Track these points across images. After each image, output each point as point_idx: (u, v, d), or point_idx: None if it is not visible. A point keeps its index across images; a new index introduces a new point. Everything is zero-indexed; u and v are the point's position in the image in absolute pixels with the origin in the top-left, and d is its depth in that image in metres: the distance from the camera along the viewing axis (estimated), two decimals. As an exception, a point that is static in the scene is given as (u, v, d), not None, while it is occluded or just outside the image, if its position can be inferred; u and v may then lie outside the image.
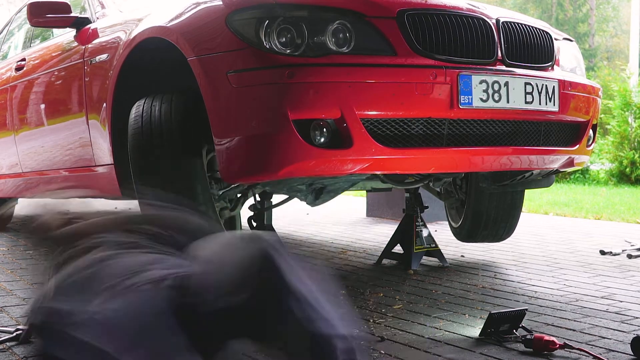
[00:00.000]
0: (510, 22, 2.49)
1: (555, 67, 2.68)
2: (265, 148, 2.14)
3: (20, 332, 2.01)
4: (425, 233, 3.32)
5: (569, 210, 6.19)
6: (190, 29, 2.36)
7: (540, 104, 2.44)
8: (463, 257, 3.63)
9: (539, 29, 2.63)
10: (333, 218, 5.64)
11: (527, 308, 2.18)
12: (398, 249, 3.39)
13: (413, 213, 3.31)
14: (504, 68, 2.39)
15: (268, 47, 2.13)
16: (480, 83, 2.27)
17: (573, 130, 2.71)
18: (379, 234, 4.56)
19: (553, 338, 1.96)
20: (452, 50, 2.29)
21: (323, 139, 2.12)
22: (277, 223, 3.30)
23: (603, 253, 3.76)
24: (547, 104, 2.47)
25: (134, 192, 2.67)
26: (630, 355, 1.93)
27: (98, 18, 3.35)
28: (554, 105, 2.50)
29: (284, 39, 2.14)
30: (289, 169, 2.14)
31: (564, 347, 1.94)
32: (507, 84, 2.34)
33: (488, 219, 3.46)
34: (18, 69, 4.03)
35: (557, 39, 2.78)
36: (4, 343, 1.98)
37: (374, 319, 2.34)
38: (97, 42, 3.14)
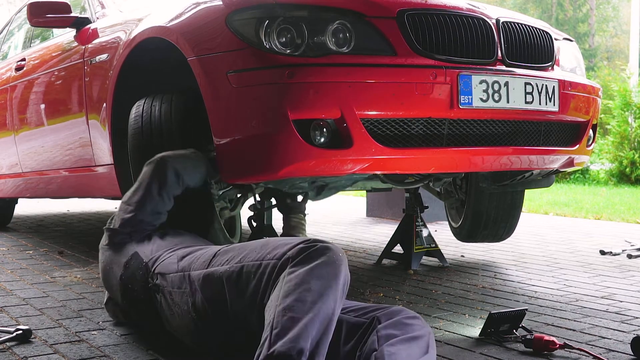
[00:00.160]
0: (510, 22, 2.49)
1: (555, 67, 2.68)
2: (265, 148, 2.14)
3: (20, 332, 2.01)
4: (425, 233, 3.32)
5: (569, 210, 6.19)
6: (190, 29, 2.36)
7: (540, 104, 2.44)
8: (463, 257, 3.63)
9: (539, 29, 2.63)
10: (333, 218, 5.64)
11: (527, 308, 2.18)
12: (398, 249, 3.39)
13: (413, 213, 3.31)
14: (504, 68, 2.39)
15: (268, 47, 2.13)
16: (480, 83, 2.27)
17: (573, 130, 2.71)
18: (379, 234, 4.56)
19: (553, 338, 1.96)
20: (452, 50, 2.29)
21: (323, 139, 2.12)
22: (277, 223, 3.29)
23: (603, 253, 3.76)
24: (547, 104, 2.47)
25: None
26: (630, 355, 1.93)
27: (98, 18, 3.35)
28: (554, 105, 2.50)
29: (284, 39, 2.14)
30: (289, 169, 2.14)
31: (564, 347, 1.94)
32: (507, 84, 2.34)
33: (488, 219, 3.46)
34: (18, 69, 4.03)
35: (557, 39, 2.78)
36: (4, 343, 1.98)
37: (374, 319, 2.33)
38: (97, 42, 3.14)
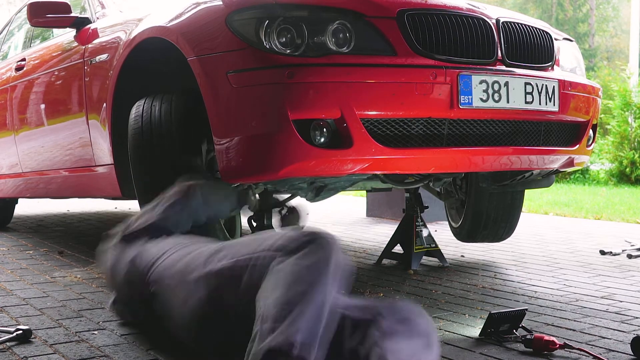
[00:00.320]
0: (510, 22, 2.49)
1: (555, 67, 2.68)
2: (266, 148, 2.14)
3: (20, 332, 2.01)
4: (425, 233, 3.32)
5: (569, 210, 6.19)
6: (190, 29, 2.36)
7: (540, 104, 2.44)
8: (463, 257, 3.63)
9: (539, 29, 2.63)
10: (333, 218, 5.64)
11: (527, 308, 2.18)
12: (398, 249, 3.39)
13: (413, 213, 3.31)
14: (504, 68, 2.39)
15: (268, 47, 2.13)
16: (480, 83, 2.27)
17: (573, 130, 2.71)
18: (379, 234, 4.56)
19: (553, 338, 1.96)
20: (452, 50, 2.29)
21: (323, 139, 2.12)
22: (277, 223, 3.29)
23: (603, 253, 3.76)
24: (547, 104, 2.47)
25: (134, 192, 2.67)
26: (630, 355, 1.93)
27: (98, 18, 3.35)
28: (554, 105, 2.50)
29: (284, 39, 2.14)
30: (289, 169, 2.14)
31: (564, 347, 1.94)
32: (507, 84, 2.34)
33: (488, 219, 3.47)
34: (18, 69, 4.03)
35: (557, 39, 2.78)
36: (4, 343, 1.98)
37: (374, 319, 2.33)
38: (97, 42, 3.14)
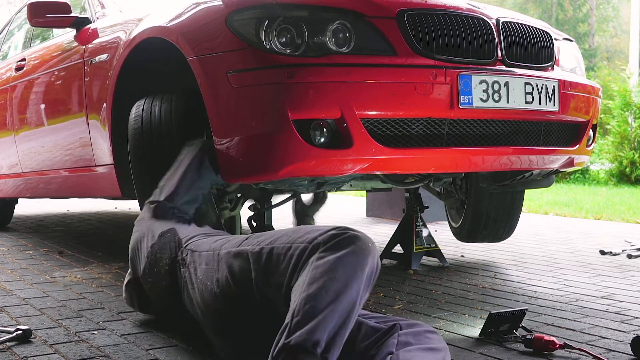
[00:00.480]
0: (510, 22, 2.49)
1: (555, 67, 2.68)
2: (266, 148, 2.14)
3: (20, 332, 2.01)
4: (425, 233, 3.32)
5: (569, 210, 6.19)
6: (190, 29, 2.36)
7: (540, 104, 2.44)
8: (463, 257, 3.63)
9: (539, 29, 2.63)
10: (333, 218, 5.64)
11: (527, 308, 2.18)
12: (398, 249, 3.39)
13: (413, 213, 3.31)
14: (504, 68, 2.39)
15: (268, 47, 2.13)
16: (480, 83, 2.27)
17: (573, 130, 2.71)
18: (379, 234, 4.56)
19: (553, 338, 1.96)
20: (452, 50, 2.29)
21: (323, 139, 2.12)
22: (277, 223, 3.30)
23: (603, 253, 3.76)
24: (547, 104, 2.47)
25: (134, 192, 2.67)
26: (630, 355, 1.93)
27: (98, 18, 3.35)
28: (554, 105, 2.50)
29: (284, 39, 2.14)
30: (289, 169, 2.14)
31: (564, 347, 1.94)
32: (507, 84, 2.34)
33: (488, 219, 3.46)
34: (18, 69, 4.03)
35: (557, 39, 2.78)
36: (4, 343, 1.98)
37: (374, 319, 2.33)
38: (97, 42, 3.14)
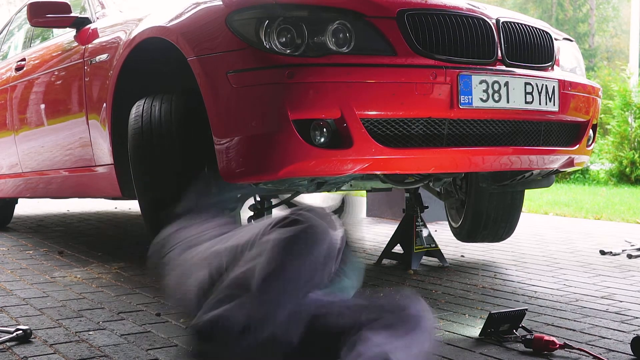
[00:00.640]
0: (510, 22, 2.49)
1: (555, 67, 2.68)
2: (266, 148, 2.14)
3: (20, 332, 2.01)
4: (425, 233, 3.32)
5: (569, 210, 6.19)
6: (190, 29, 2.36)
7: (540, 104, 2.44)
8: (463, 257, 3.63)
9: (539, 29, 2.63)
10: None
11: (527, 308, 2.18)
12: (398, 249, 3.39)
13: (413, 213, 3.31)
14: (504, 68, 2.39)
15: (268, 47, 2.13)
16: (480, 83, 2.27)
17: (573, 130, 2.71)
18: (379, 234, 4.56)
19: (553, 338, 1.96)
20: (452, 50, 2.29)
21: (323, 139, 2.12)
22: (277, 223, 3.29)
23: (603, 253, 3.76)
24: (547, 104, 2.47)
25: (134, 192, 2.67)
26: (630, 355, 1.93)
27: (98, 18, 3.35)
28: (554, 105, 2.50)
29: (284, 39, 2.14)
30: (289, 169, 2.14)
31: (564, 347, 1.94)
32: (507, 84, 2.34)
33: (488, 219, 3.46)
34: (18, 69, 4.03)
35: (557, 39, 2.78)
36: (4, 343, 1.98)
37: (374, 319, 2.33)
38: (97, 42, 3.14)
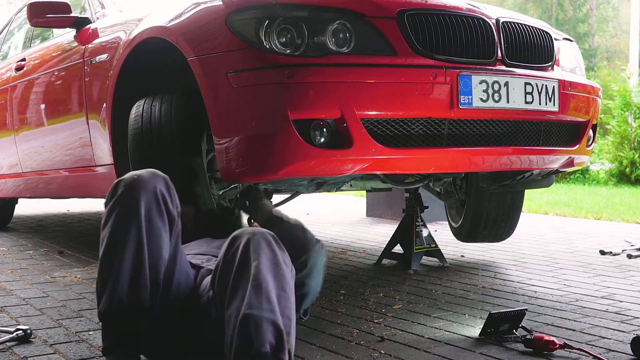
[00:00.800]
0: (510, 22, 2.49)
1: (555, 67, 2.68)
2: (265, 148, 2.14)
3: (20, 332, 2.01)
4: (425, 233, 3.32)
5: (569, 210, 6.19)
6: (190, 29, 2.36)
7: (540, 104, 2.44)
8: (463, 257, 3.63)
9: (539, 29, 2.63)
10: (333, 218, 5.64)
11: (527, 308, 2.18)
12: (398, 249, 3.39)
13: (413, 213, 3.31)
14: (504, 68, 2.39)
15: (268, 47, 2.13)
16: (480, 83, 2.27)
17: (573, 130, 2.71)
18: (379, 234, 4.56)
19: (553, 338, 1.96)
20: (452, 50, 2.29)
21: (323, 139, 2.12)
22: (277, 223, 3.29)
23: (603, 253, 3.76)
24: (547, 104, 2.47)
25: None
26: (630, 355, 1.93)
27: (98, 18, 3.35)
28: (554, 105, 2.50)
29: (284, 39, 2.14)
30: (289, 169, 2.14)
31: (564, 347, 1.94)
32: (507, 84, 2.34)
33: (488, 219, 3.46)
34: (18, 69, 4.03)
35: (557, 39, 2.78)
36: (4, 343, 1.98)
37: (374, 319, 2.34)
38: (97, 42, 3.14)
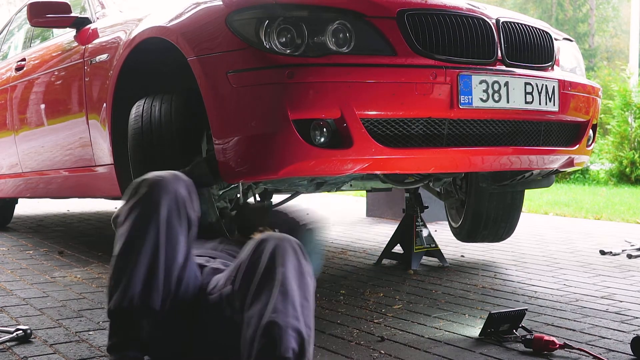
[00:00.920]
0: (510, 22, 2.49)
1: (555, 67, 2.68)
2: (265, 148, 2.14)
3: (20, 332, 2.01)
4: (425, 233, 3.32)
5: (569, 210, 6.19)
6: (190, 29, 2.36)
7: (540, 104, 2.44)
8: (463, 257, 3.63)
9: (539, 29, 2.63)
10: (333, 218, 5.64)
11: (527, 308, 2.18)
12: (398, 249, 3.39)
13: (413, 213, 3.31)
14: (504, 68, 2.39)
15: (268, 47, 2.13)
16: (480, 83, 2.27)
17: (573, 130, 2.71)
18: (379, 234, 4.56)
19: (553, 338, 1.96)
20: (452, 50, 2.29)
21: (323, 139, 2.12)
22: (277, 223, 3.29)
23: (603, 253, 3.76)
24: (547, 104, 2.47)
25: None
26: (630, 355, 1.93)
27: (98, 18, 3.35)
28: (554, 105, 2.50)
29: (284, 39, 2.14)
30: (289, 169, 2.14)
31: (564, 347, 1.94)
32: (507, 84, 2.33)
33: (488, 219, 3.46)
34: (18, 69, 4.03)
35: (557, 39, 2.78)
36: (4, 343, 1.98)
37: (374, 319, 2.34)
38: (97, 42, 3.14)
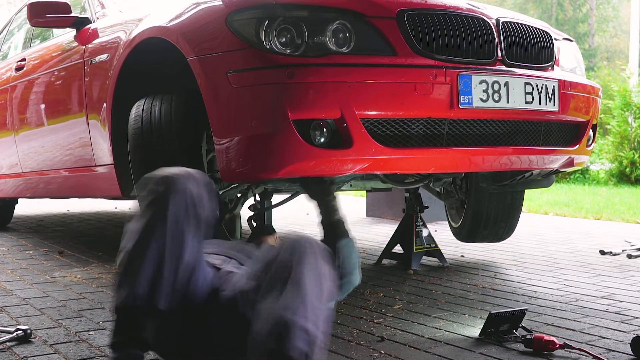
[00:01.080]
0: (510, 22, 2.49)
1: (555, 67, 2.68)
2: (265, 148, 2.14)
3: (20, 332, 2.01)
4: (425, 233, 3.32)
5: (569, 210, 6.19)
6: (190, 29, 2.36)
7: (540, 104, 2.44)
8: (463, 257, 3.63)
9: (539, 29, 2.63)
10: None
11: (527, 308, 2.18)
12: (398, 249, 3.39)
13: (413, 213, 3.31)
14: (504, 68, 2.39)
15: (268, 47, 2.13)
16: (480, 83, 2.27)
17: (573, 130, 2.71)
18: (379, 234, 4.56)
19: (553, 338, 1.96)
20: (452, 50, 2.29)
21: (323, 139, 2.12)
22: (277, 223, 3.30)
23: (603, 253, 3.76)
24: (547, 104, 2.47)
25: (134, 192, 2.67)
26: (630, 355, 1.93)
27: (98, 18, 3.35)
28: (554, 105, 2.50)
29: (284, 39, 2.14)
30: (289, 169, 2.14)
31: (564, 347, 1.94)
32: (507, 84, 2.34)
33: (488, 219, 3.46)
34: (18, 69, 4.03)
35: (557, 39, 2.78)
36: (4, 343, 1.98)
37: (374, 319, 2.34)
38: (97, 42, 3.14)
